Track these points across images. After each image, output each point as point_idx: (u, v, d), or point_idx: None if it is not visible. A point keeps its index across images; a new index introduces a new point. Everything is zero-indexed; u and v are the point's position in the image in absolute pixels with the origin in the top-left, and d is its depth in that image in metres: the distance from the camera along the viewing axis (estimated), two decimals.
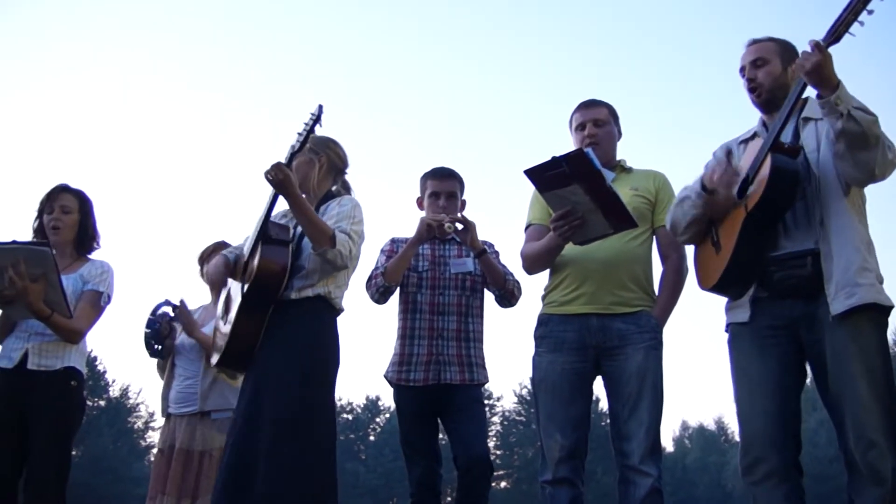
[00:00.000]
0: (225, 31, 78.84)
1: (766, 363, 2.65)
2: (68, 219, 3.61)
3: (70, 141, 74.78)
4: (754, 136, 2.87)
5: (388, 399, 54.30)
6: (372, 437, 53.92)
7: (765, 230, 2.66)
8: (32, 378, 3.35)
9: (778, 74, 2.81)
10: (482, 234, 3.62)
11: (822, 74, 2.47)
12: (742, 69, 2.88)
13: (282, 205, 3.19)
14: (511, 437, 52.16)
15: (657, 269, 3.26)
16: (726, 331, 2.85)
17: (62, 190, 3.66)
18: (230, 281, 3.38)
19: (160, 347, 4.37)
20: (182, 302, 4.31)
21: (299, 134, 3.10)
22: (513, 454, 51.35)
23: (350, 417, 54.25)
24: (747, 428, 2.69)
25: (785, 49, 2.86)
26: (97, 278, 3.56)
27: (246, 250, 3.22)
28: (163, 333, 4.36)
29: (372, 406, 55.35)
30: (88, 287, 3.53)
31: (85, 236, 3.66)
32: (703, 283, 2.85)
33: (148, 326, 4.38)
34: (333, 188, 3.40)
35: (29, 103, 74.42)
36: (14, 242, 3.30)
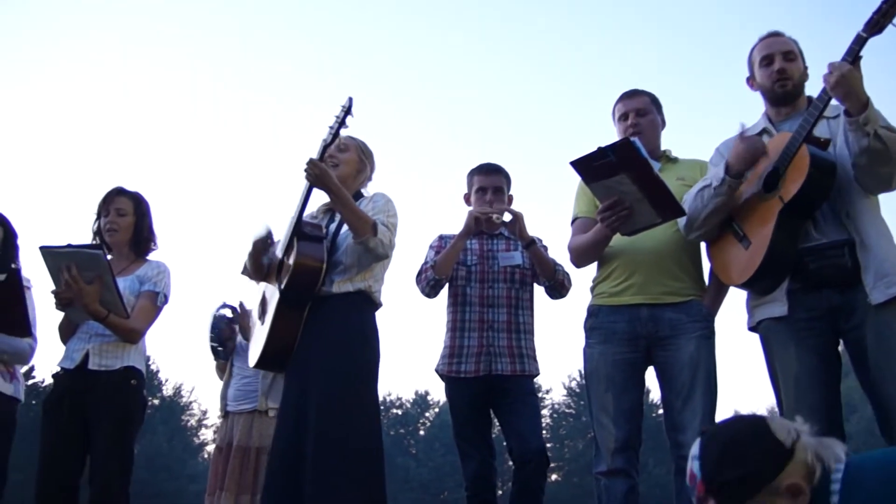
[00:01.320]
0: (257, 28, 79.29)
1: (805, 357, 2.64)
2: (124, 221, 3.66)
3: (119, 142, 75.85)
4: (762, 132, 2.87)
5: (436, 394, 54.49)
6: (422, 432, 54.00)
7: (802, 221, 2.66)
8: (93, 378, 3.41)
9: (802, 72, 2.86)
10: (530, 229, 3.63)
11: (848, 89, 2.48)
12: (766, 58, 2.87)
13: (313, 203, 3.23)
14: (561, 429, 51.86)
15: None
16: (752, 329, 2.84)
17: (117, 193, 3.71)
18: (264, 284, 3.42)
19: (222, 349, 4.50)
20: (241, 304, 4.40)
21: (330, 127, 3.13)
22: (563, 447, 51.06)
23: (399, 412, 54.46)
24: None
25: (801, 51, 2.91)
26: (154, 279, 3.61)
27: (279, 251, 3.26)
28: (224, 336, 4.48)
29: (421, 401, 55.46)
30: (145, 288, 3.58)
31: (141, 238, 3.71)
32: (733, 279, 2.83)
33: (211, 331, 4.50)
34: (362, 189, 3.44)
35: (78, 106, 75.76)
36: (69, 246, 3.37)
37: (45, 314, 3.82)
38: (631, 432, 3.03)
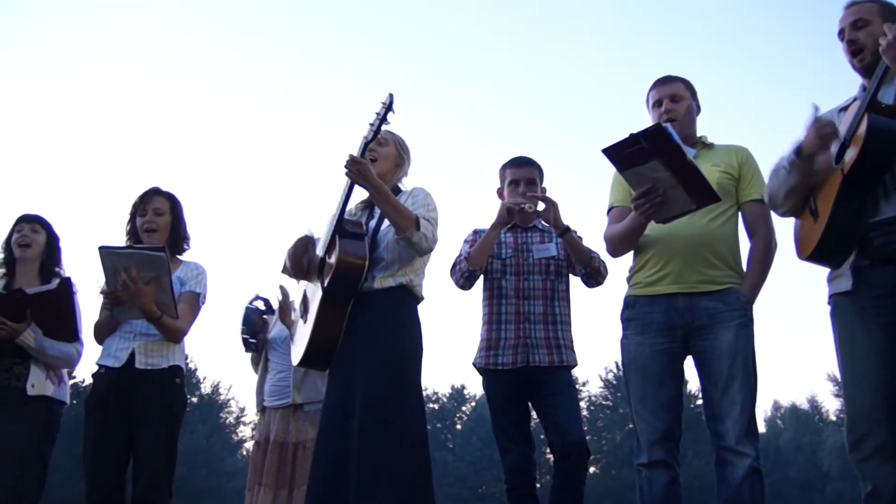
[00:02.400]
0: (297, 27, 79.57)
1: (870, 335, 2.54)
2: (162, 221, 3.70)
3: (156, 140, 76.44)
4: (855, 100, 2.76)
5: (473, 387, 54.51)
6: (459, 426, 54.09)
7: (863, 194, 2.56)
8: (140, 377, 3.47)
9: (880, 35, 2.62)
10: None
11: None
12: (841, 32, 2.77)
13: (353, 201, 3.22)
14: (598, 421, 51.66)
15: (744, 245, 3.17)
16: (828, 303, 2.75)
17: (154, 193, 3.75)
18: (304, 282, 3.43)
19: (254, 342, 4.51)
20: (282, 287, 4.39)
21: (371, 124, 3.12)
22: (601, 439, 50.84)
23: (436, 406, 54.57)
24: (853, 403, 2.58)
25: (886, 9, 2.72)
26: (194, 280, 3.66)
27: (320, 249, 3.26)
28: (256, 328, 4.50)
29: (457, 395, 55.50)
30: (186, 288, 3.63)
31: (177, 237, 3.75)
32: (801, 253, 2.77)
33: (244, 322, 4.52)
34: (399, 184, 3.44)
35: (121, 105, 76.55)
36: (130, 247, 3.43)
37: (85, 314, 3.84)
38: (671, 423, 2.99)
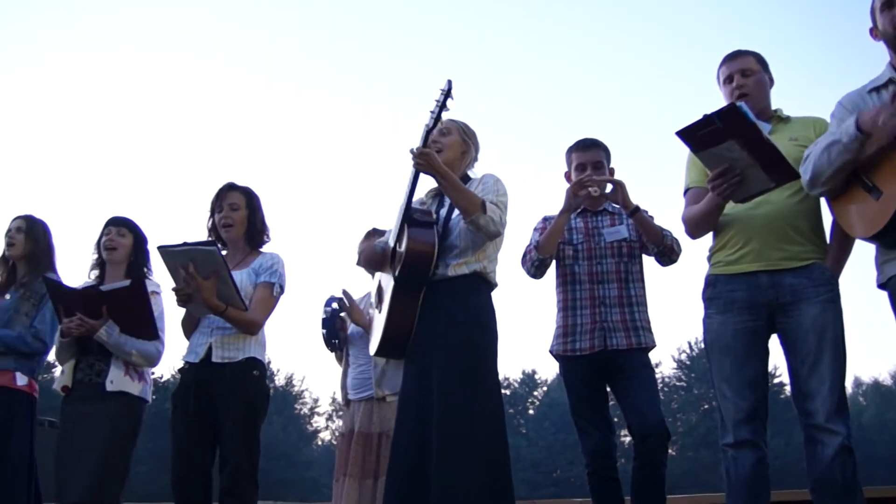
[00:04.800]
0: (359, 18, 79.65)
1: None
2: (237, 216, 3.77)
3: (229, 137, 77.48)
4: (888, 82, 2.72)
5: (544, 372, 54.37)
6: (531, 411, 54.08)
7: None
8: (218, 370, 3.54)
9: None
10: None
11: None
12: (886, 3, 2.71)
13: (420, 190, 3.26)
14: (673, 403, 51.06)
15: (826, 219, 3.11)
16: (881, 287, 2.72)
17: (229, 188, 3.83)
18: (379, 274, 3.47)
19: (336, 341, 4.62)
20: (344, 291, 4.49)
21: (431, 112, 3.14)
22: (676, 421, 50.22)
23: (508, 392, 54.62)
24: None
25: None
26: (268, 270, 3.71)
27: (391, 239, 3.29)
28: (336, 328, 4.60)
29: (529, 380, 55.44)
30: (261, 279, 3.68)
31: (255, 231, 3.82)
32: (861, 232, 2.71)
33: (323, 326, 4.62)
34: (469, 171, 3.44)
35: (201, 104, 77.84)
36: (185, 244, 3.49)
37: (171, 313, 3.96)
38: (756, 402, 2.94)
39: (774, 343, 3.06)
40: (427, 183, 3.38)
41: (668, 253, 3.64)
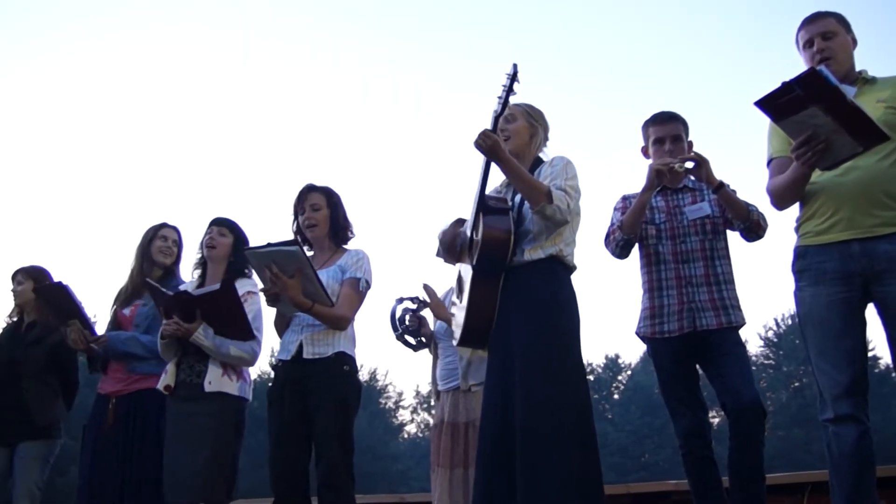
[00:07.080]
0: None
1: None
2: (319, 215, 3.87)
3: (309, 137, 78.23)
4: None
5: (627, 356, 53.71)
6: (616, 396, 53.52)
7: None
8: (309, 366, 3.63)
9: None
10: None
11: None
12: None
13: (493, 180, 3.23)
14: (762, 381, 49.89)
15: None
16: None
17: (309, 190, 3.93)
18: (458, 265, 3.47)
19: (421, 340, 4.62)
20: (426, 286, 4.49)
21: (499, 97, 3.12)
22: (765, 399, 49.07)
23: (591, 378, 54.12)
24: None
25: None
26: (354, 266, 3.78)
27: (468, 229, 3.29)
28: (412, 328, 4.58)
29: (612, 364, 54.79)
30: (347, 275, 3.75)
31: (338, 228, 3.91)
32: None
33: (395, 329, 4.61)
34: (540, 154, 3.41)
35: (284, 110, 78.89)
36: (268, 245, 3.57)
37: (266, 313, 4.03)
38: (855, 375, 2.84)
39: (872, 314, 2.95)
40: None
41: (754, 229, 3.54)
